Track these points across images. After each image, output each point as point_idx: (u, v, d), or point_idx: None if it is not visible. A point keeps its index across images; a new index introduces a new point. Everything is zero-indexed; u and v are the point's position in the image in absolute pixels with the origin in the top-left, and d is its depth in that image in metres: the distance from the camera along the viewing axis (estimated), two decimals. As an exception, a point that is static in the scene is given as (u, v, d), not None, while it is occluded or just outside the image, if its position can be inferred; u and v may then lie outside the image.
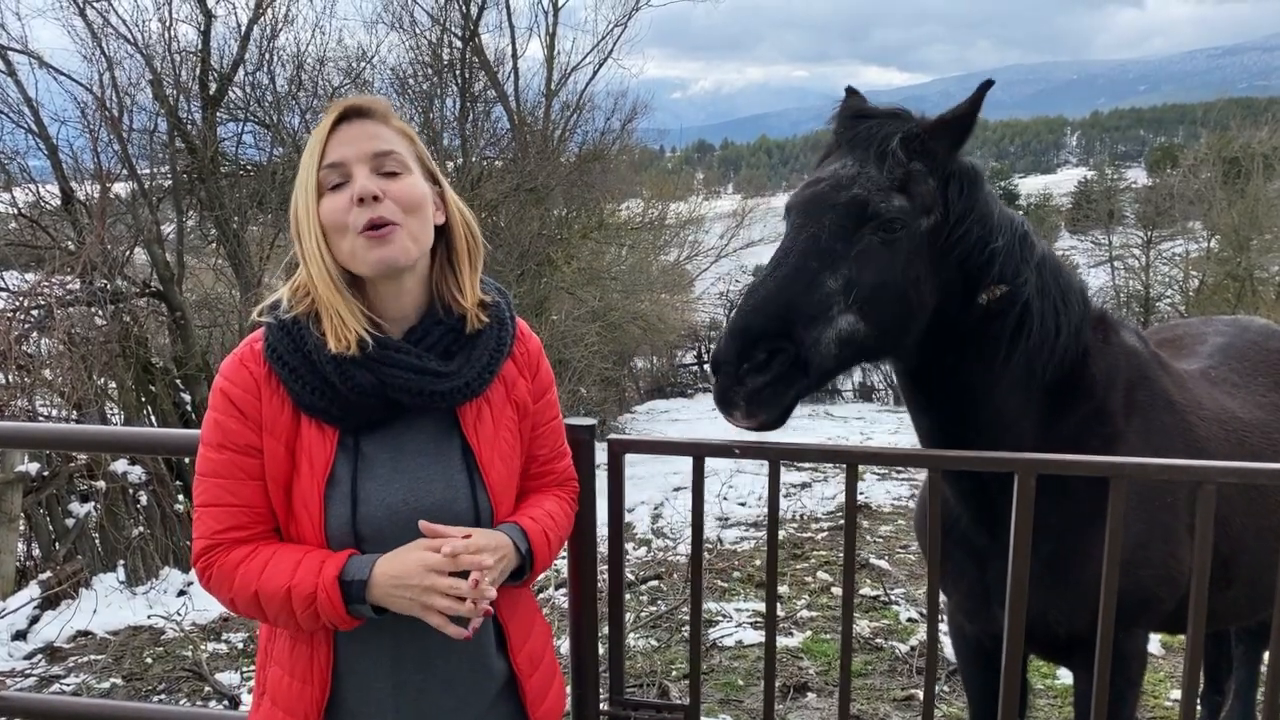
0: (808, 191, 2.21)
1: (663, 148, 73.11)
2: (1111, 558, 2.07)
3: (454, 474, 1.64)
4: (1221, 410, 2.69)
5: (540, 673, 1.80)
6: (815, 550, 7.93)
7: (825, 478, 12.06)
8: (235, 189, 11.82)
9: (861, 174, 2.16)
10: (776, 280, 2.07)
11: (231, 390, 1.60)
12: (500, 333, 1.72)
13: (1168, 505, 2.37)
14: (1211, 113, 36.34)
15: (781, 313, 2.03)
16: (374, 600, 1.51)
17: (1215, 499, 1.97)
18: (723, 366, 2.05)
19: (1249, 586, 2.59)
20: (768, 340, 2.02)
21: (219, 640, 6.45)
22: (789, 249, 2.13)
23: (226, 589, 1.58)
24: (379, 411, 1.60)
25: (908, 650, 5.35)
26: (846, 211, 2.12)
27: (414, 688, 1.65)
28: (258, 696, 1.73)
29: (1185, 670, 2.12)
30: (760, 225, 45.60)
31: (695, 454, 2.28)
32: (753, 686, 4.97)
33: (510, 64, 18.30)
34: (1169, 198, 33.38)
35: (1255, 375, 3.02)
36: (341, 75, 13.54)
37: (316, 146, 1.57)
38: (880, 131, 2.21)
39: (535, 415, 1.80)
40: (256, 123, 12.65)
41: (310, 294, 1.60)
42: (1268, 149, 31.16)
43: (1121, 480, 2.00)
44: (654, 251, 26.78)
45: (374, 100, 1.65)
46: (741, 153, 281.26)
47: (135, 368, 9.22)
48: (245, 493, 1.59)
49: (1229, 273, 29.61)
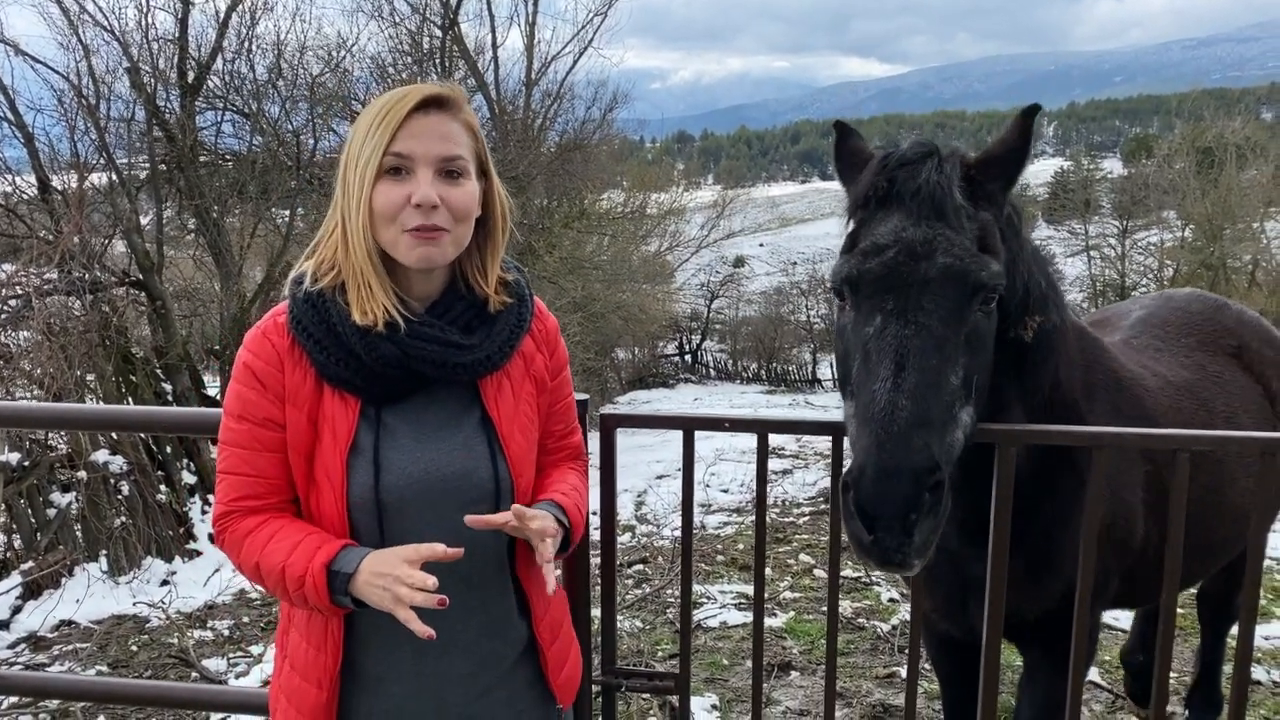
0: (875, 264, 1.88)
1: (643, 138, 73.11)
2: (1090, 530, 2.10)
3: (475, 445, 1.67)
4: (1158, 377, 2.77)
5: (560, 640, 1.84)
6: (798, 534, 8.01)
7: (806, 464, 12.16)
8: (215, 178, 11.77)
9: (937, 236, 1.88)
10: (910, 394, 1.74)
11: (254, 362, 1.62)
12: (520, 309, 1.75)
13: (1126, 483, 2.42)
14: (1186, 103, 36.59)
15: (931, 436, 1.74)
16: (355, 592, 1.53)
17: (1188, 466, 2.03)
18: (887, 523, 1.67)
19: (1199, 549, 2.67)
20: (928, 476, 1.70)
21: (204, 627, 6.46)
22: (901, 347, 1.79)
23: (236, 554, 1.62)
24: (402, 383, 1.63)
25: (889, 629, 5.44)
26: (944, 288, 1.84)
27: (433, 655, 1.67)
28: (280, 661, 1.76)
29: (1160, 635, 2.19)
30: (740, 216, 45.77)
31: (685, 427, 2.33)
32: (737, 665, 5.04)
33: (490, 53, 18.30)
34: (1144, 188, 33.71)
35: (1179, 338, 3.12)
36: (321, 64, 13.48)
37: (388, 128, 1.55)
38: (936, 178, 1.91)
39: (553, 391, 1.83)
40: (235, 111, 12.58)
41: (335, 267, 1.63)
42: (1240, 139, 31.53)
43: (1102, 451, 2.06)
44: (635, 242, 26.82)
45: (451, 89, 1.64)
46: (721, 143, 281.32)
47: (115, 358, 9.16)
48: (261, 463, 1.62)
49: (1203, 261, 29.96)
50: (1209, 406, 2.81)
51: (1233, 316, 3.30)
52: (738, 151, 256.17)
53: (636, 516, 9.79)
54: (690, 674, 2.46)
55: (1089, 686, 4.44)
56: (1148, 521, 2.41)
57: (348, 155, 1.60)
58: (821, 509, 9.17)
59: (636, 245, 27.35)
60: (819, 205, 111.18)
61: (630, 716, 4.27)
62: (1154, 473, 2.42)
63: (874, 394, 1.77)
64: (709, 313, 38.23)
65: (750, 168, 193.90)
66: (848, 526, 1.74)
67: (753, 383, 34.90)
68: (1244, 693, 2.15)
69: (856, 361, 1.88)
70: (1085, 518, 2.10)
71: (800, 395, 29.49)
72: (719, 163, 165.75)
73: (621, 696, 4.21)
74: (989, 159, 2.00)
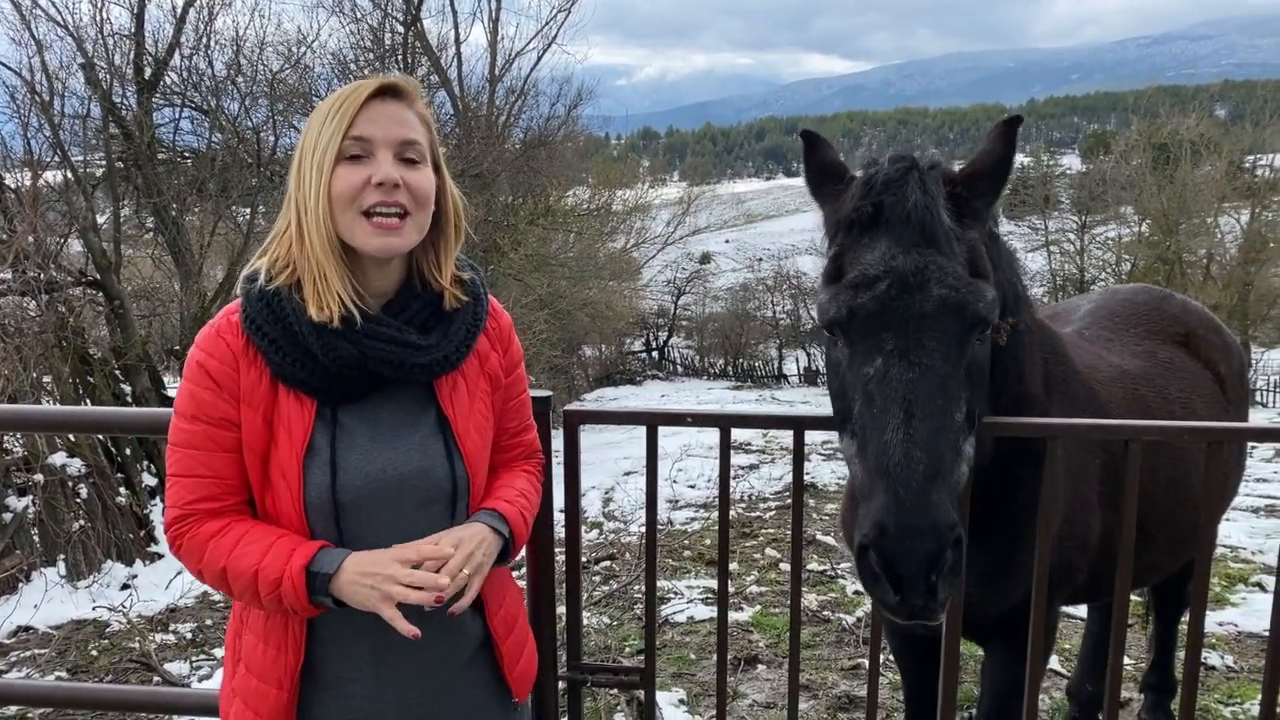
0: (867, 298, 1.81)
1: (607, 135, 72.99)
2: (1046, 520, 2.13)
3: (431, 444, 1.67)
4: (1111, 367, 2.82)
5: (515, 635, 1.85)
6: (763, 529, 8.07)
7: (772, 459, 12.25)
8: (173, 176, 11.59)
9: (929, 264, 1.80)
10: (923, 445, 1.69)
11: (208, 362, 1.60)
12: (476, 308, 1.75)
13: (1084, 477, 2.45)
14: (1142, 100, 37.31)
15: (945, 489, 1.69)
16: (336, 592, 1.53)
17: (1140, 456, 2.07)
18: (913, 580, 1.64)
19: (1165, 541, 2.72)
20: (950, 530, 1.65)
21: (167, 631, 6.37)
22: (908, 392, 1.74)
23: (195, 560, 1.60)
24: (358, 384, 1.63)
25: (854, 622, 5.49)
26: (941, 322, 1.78)
27: (393, 651, 1.68)
28: (231, 665, 1.74)
29: (1114, 624, 2.24)
30: (706, 213, 45.89)
31: (649, 423, 2.34)
32: (704, 660, 5.07)
33: (453, 49, 18.19)
34: (1102, 183, 34.28)
35: (1127, 328, 3.18)
36: (281, 60, 13.33)
37: (345, 114, 1.56)
38: (924, 200, 1.84)
39: (507, 389, 1.84)
40: (194, 108, 12.41)
41: (290, 265, 1.62)
42: (1195, 135, 32.15)
43: (1055, 441, 2.10)
44: (601, 239, 26.82)
45: (407, 81, 1.66)
46: (686, 140, 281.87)
47: (72, 359, 9.01)
48: (217, 464, 1.60)
49: (1159, 255, 30.54)
50: (1165, 394, 2.86)
51: (1178, 305, 3.38)
52: (703, 148, 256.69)
53: (604, 513, 9.82)
54: (656, 669, 2.47)
55: (1048, 674, 4.52)
56: (1106, 514, 2.44)
57: (303, 147, 1.60)
58: (787, 503, 9.23)
59: (602, 242, 27.35)
60: (784, 202, 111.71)
61: (598, 713, 4.28)
62: (1110, 465, 2.45)
63: (885, 445, 1.70)
64: (675, 309, 38.35)
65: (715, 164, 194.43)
66: (870, 586, 1.69)
67: (720, 379, 35.08)
68: (1194, 677, 2.20)
69: (858, 402, 1.81)
70: (1040, 508, 2.13)
71: (767, 391, 29.69)
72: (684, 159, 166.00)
73: (588, 693, 4.23)
74: (975, 174, 1.93)
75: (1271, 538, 7.21)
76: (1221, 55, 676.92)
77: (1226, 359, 3.28)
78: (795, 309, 37.83)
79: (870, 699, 2.39)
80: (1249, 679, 4.60)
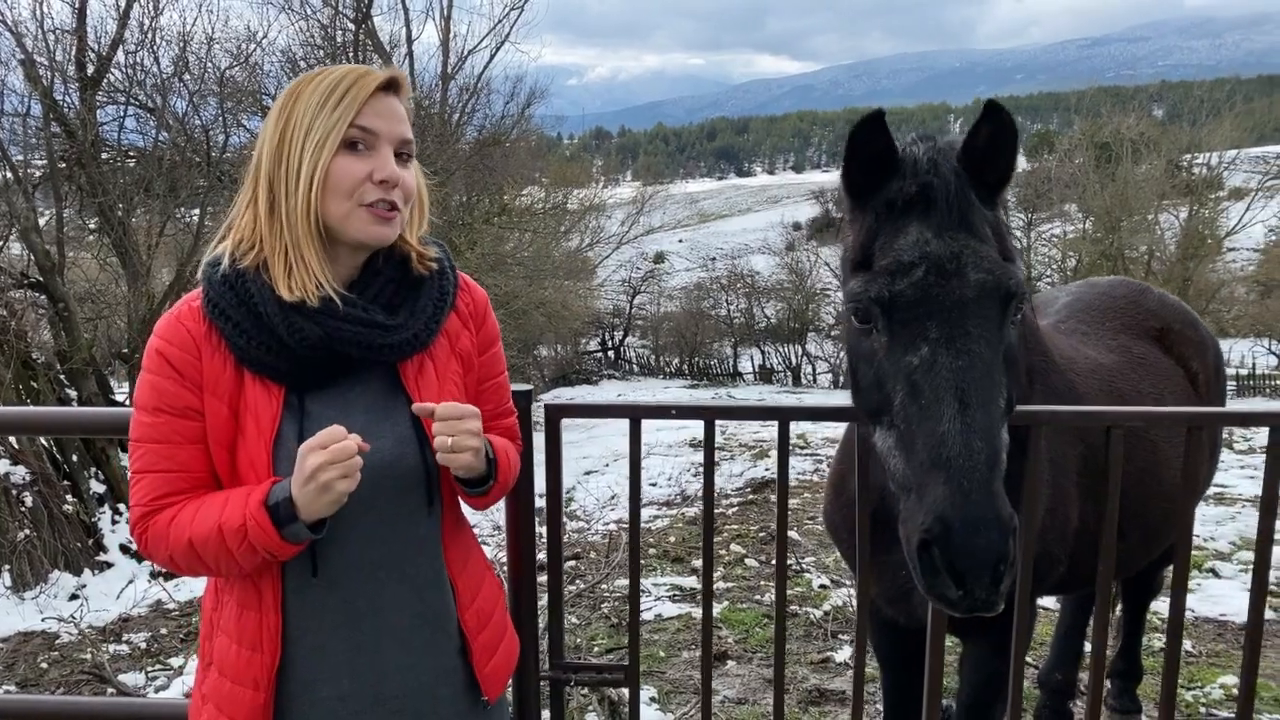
0: (905, 285, 1.77)
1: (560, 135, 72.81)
2: (1030, 507, 2.13)
3: (402, 430, 1.63)
4: (1088, 360, 2.84)
5: (489, 630, 1.79)
6: (727, 525, 8.08)
7: (732, 456, 12.28)
8: (118, 175, 11.29)
9: (964, 249, 1.77)
10: (982, 433, 1.67)
11: (168, 350, 1.55)
12: (442, 282, 1.72)
13: (1063, 469, 2.46)
14: (1084, 100, 38.02)
15: (1001, 478, 1.67)
16: (301, 514, 1.47)
17: (1122, 444, 2.09)
18: (981, 572, 1.60)
19: (1137, 534, 2.75)
20: (1011, 520, 1.64)
21: (120, 641, 6.20)
22: (960, 381, 1.70)
23: (164, 546, 1.54)
24: (325, 366, 1.58)
25: (821, 615, 5.52)
26: (982, 308, 1.76)
27: (369, 647, 1.64)
28: (203, 669, 1.69)
29: (1096, 614, 2.27)
30: (660, 212, 45.94)
31: (632, 416, 2.31)
32: (674, 657, 5.05)
33: (405, 47, 17.98)
34: (1047, 181, 34.93)
35: (1103, 322, 3.21)
36: (230, 57, 13.05)
37: (353, 103, 1.54)
38: (956, 183, 1.81)
39: (481, 369, 1.79)
40: (139, 106, 12.10)
41: (255, 246, 1.57)
42: (1135, 135, 32.93)
43: (1039, 430, 2.11)
44: (556, 238, 26.71)
45: (403, 74, 1.66)
46: (639, 140, 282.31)
47: (14, 363, 8.73)
48: (182, 457, 1.55)
49: (1103, 252, 31.24)
50: (1139, 388, 2.89)
51: (1155, 299, 3.43)
52: (655, 148, 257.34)
53: (566, 513, 9.76)
54: (640, 664, 2.45)
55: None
56: (1083, 504, 2.46)
57: (289, 124, 1.55)
58: (750, 499, 9.27)
59: (557, 241, 27.24)
60: (736, 201, 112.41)
61: (570, 714, 4.24)
62: (1087, 456, 2.47)
63: (942, 437, 1.66)
64: (631, 308, 38.36)
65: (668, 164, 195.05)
66: (929, 582, 1.65)
67: (675, 377, 35.18)
68: (1176, 662, 2.24)
69: (900, 393, 1.76)
70: (1024, 496, 2.13)
71: (723, 389, 29.80)
72: (637, 159, 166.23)
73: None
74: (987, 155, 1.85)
75: (1222, 524, 7.38)
76: (1158, 57, 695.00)
77: (1201, 355, 3.33)
78: (749, 307, 38.05)
79: (856, 696, 2.39)
80: (1208, 663, 4.70)
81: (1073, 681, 3.88)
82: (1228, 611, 5.44)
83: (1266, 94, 50.27)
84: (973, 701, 2.54)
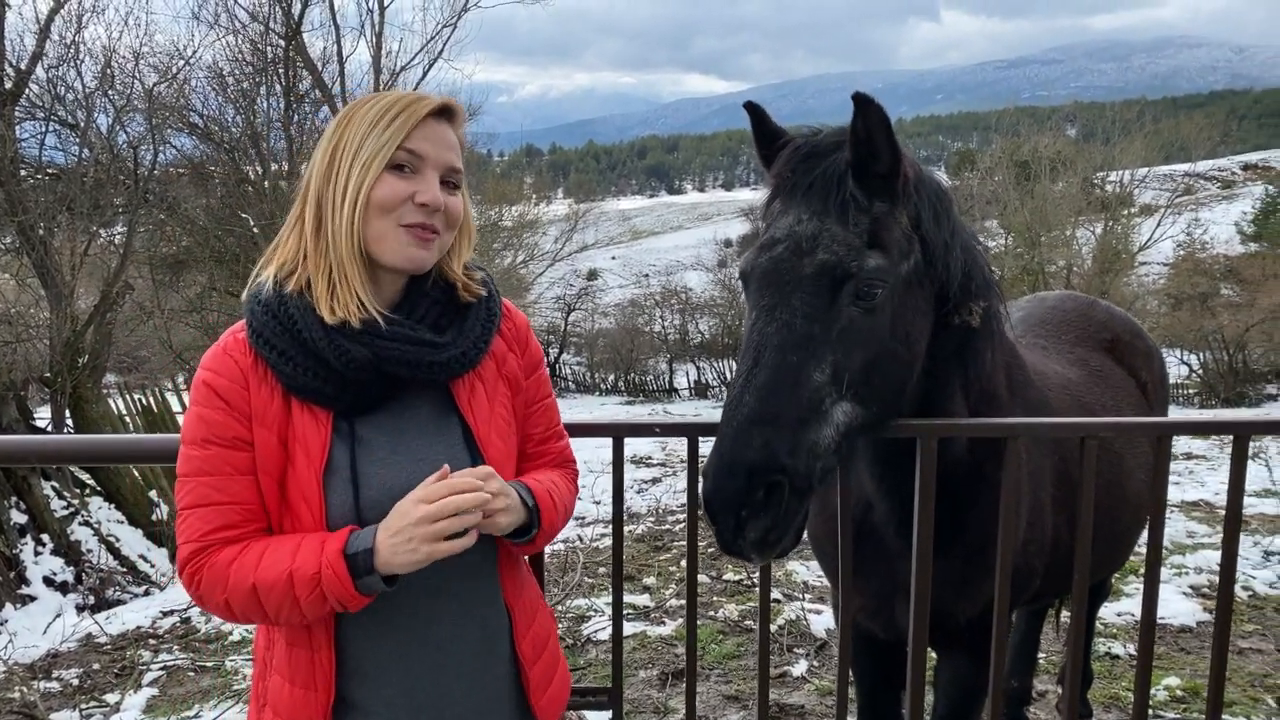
0: (765, 259, 1.92)
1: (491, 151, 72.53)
2: (1008, 519, 2.17)
3: (456, 451, 1.61)
4: (1057, 375, 2.93)
5: (544, 660, 1.77)
6: (675, 541, 8.09)
7: (674, 471, 12.31)
8: (39, 193, 10.89)
9: (823, 231, 1.88)
10: (757, 391, 1.78)
11: (216, 381, 1.53)
12: (489, 304, 1.71)
13: (1040, 481, 2.51)
14: (1003, 120, 39.28)
15: (775, 434, 1.76)
16: (382, 566, 1.44)
17: (1096, 453, 2.16)
18: (719, 516, 1.77)
19: (1107, 542, 2.84)
20: (763, 474, 1.74)
21: (50, 678, 5.94)
22: (761, 343, 1.83)
23: (220, 590, 1.49)
24: (374, 388, 1.55)
25: (776, 629, 5.55)
26: (816, 284, 1.85)
27: (428, 678, 1.61)
28: (256, 709, 1.64)
29: (1072, 623, 2.32)
30: (593, 229, 45.99)
31: (615, 434, 2.31)
32: (631, 676, 5.03)
33: (336, 64, 17.72)
34: (969, 198, 35.89)
35: (1059, 336, 3.31)
36: (157, 73, 12.71)
37: (404, 125, 1.55)
38: (831, 172, 1.91)
39: (528, 392, 1.78)
40: (60, 123, 11.70)
41: (299, 268, 1.56)
42: (1052, 153, 34.09)
43: (1016, 440, 2.16)
44: (490, 255, 26.54)
45: (458, 105, 1.66)
46: (570, 157, 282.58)
47: (-71, 390, 8.35)
48: (235, 489, 1.51)
49: (1024, 267, 32.22)
50: (1101, 400, 2.99)
51: (1104, 311, 3.55)
52: (586, 165, 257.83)
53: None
54: (623, 686, 2.44)
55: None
56: (1057, 517, 2.52)
57: (340, 144, 1.55)
58: (700, 514, 9.28)
59: (491, 259, 27.07)
60: (668, 219, 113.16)
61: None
62: (1060, 468, 2.53)
63: (729, 390, 1.84)
64: (566, 326, 38.24)
65: (600, 182, 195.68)
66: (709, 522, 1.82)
67: (611, 394, 35.11)
68: (1149, 661, 2.30)
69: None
70: (1002, 510, 2.17)
71: (659, 405, 29.87)
72: (569, 176, 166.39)
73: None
74: (870, 148, 1.89)
75: (1152, 530, 7.63)
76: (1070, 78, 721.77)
77: (1149, 364, 3.45)
78: (683, 324, 38.26)
79: (840, 704, 2.41)
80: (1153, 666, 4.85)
81: (1029, 688, 3.97)
82: (1164, 615, 5.63)
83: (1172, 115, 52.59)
84: (949, 713, 2.57)
